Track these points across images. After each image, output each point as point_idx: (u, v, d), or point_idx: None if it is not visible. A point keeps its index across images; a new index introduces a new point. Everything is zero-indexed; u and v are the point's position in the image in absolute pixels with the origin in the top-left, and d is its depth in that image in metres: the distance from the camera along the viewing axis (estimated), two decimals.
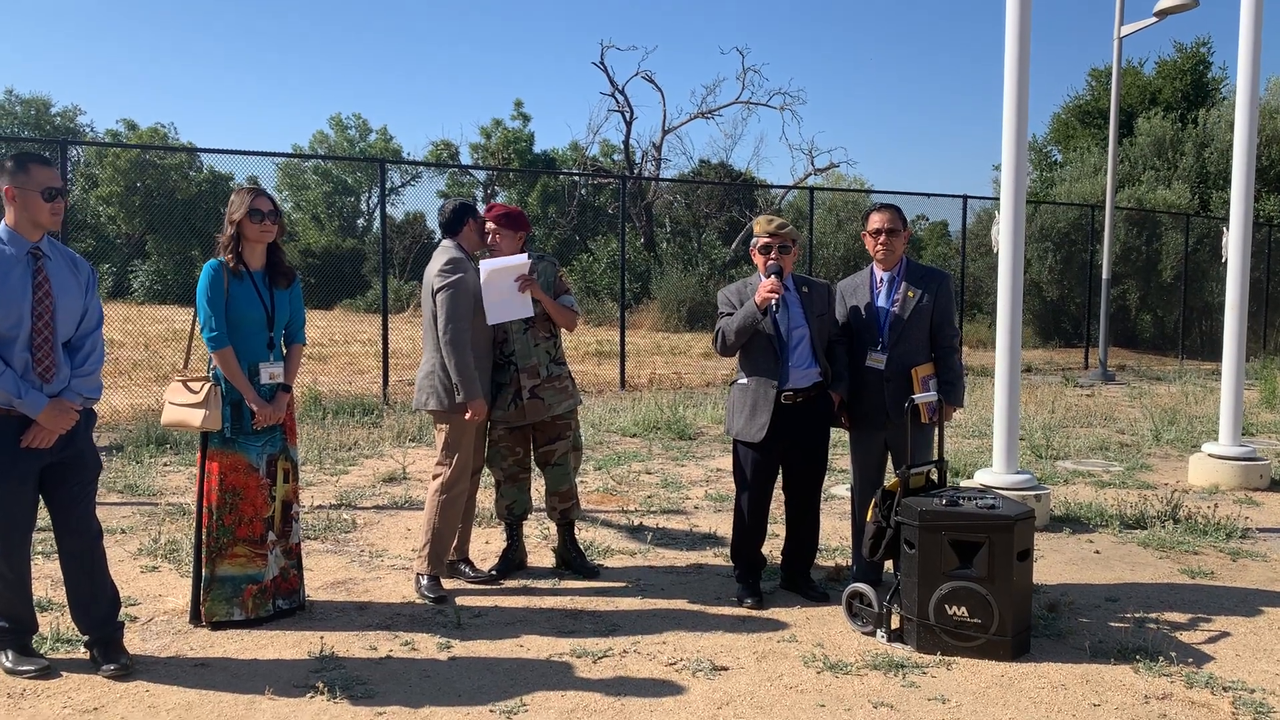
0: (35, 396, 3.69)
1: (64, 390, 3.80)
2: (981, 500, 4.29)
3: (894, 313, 4.86)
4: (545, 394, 5.08)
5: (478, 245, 5.06)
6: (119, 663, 3.91)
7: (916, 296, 4.86)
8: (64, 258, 3.90)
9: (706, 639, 4.35)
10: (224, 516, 4.36)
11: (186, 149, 35.62)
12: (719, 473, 7.89)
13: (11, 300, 3.67)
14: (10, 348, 3.68)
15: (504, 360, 5.07)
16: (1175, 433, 9.97)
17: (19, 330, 3.68)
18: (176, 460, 8.12)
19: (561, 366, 5.20)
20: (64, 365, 3.82)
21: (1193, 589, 5.11)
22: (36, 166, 3.78)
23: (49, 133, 42.48)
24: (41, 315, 3.73)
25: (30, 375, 3.72)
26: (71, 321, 3.86)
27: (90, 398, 3.90)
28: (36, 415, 3.69)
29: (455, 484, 4.87)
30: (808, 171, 32.52)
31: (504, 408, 5.05)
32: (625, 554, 5.63)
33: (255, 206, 4.35)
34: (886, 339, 4.85)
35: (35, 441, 3.72)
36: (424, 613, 4.64)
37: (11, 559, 3.81)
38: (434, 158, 39.01)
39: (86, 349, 3.91)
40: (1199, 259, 21.80)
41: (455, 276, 4.81)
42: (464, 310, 4.79)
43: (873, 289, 4.97)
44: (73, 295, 3.86)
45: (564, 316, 5.10)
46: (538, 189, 35.38)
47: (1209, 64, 27.71)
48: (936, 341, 4.93)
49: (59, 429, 3.76)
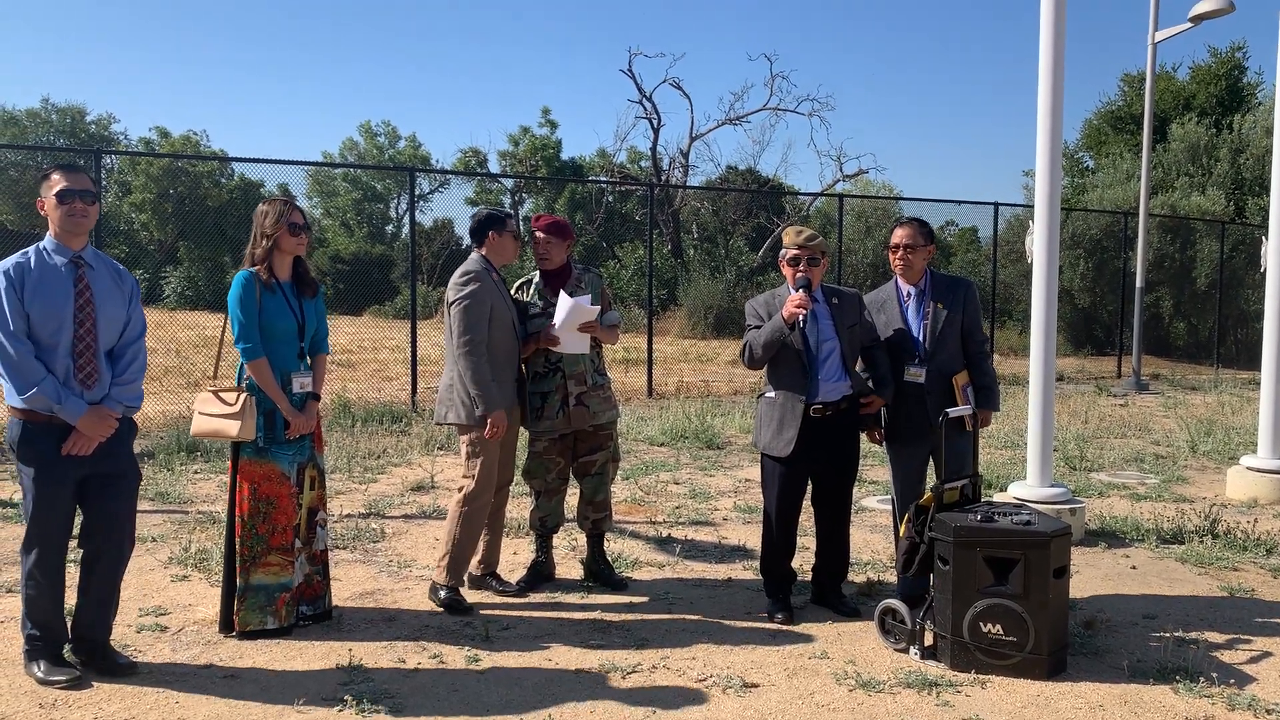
0: (75, 403, 3.73)
1: (104, 398, 3.85)
2: (1017, 516, 4.23)
3: (926, 325, 4.82)
4: (591, 402, 5.10)
5: (505, 257, 5.04)
6: (125, 659, 4.01)
7: (946, 310, 4.82)
8: (108, 268, 3.96)
9: (737, 654, 4.31)
10: (258, 525, 4.37)
11: (217, 157, 35.93)
12: (747, 483, 7.84)
13: (52, 307, 3.73)
14: (52, 354, 3.74)
15: (550, 368, 5.08)
16: (1212, 444, 9.81)
17: (60, 337, 3.74)
18: (207, 468, 8.16)
19: (604, 377, 5.25)
20: (105, 373, 3.87)
21: (1233, 606, 5.01)
22: (55, 173, 3.86)
23: (83, 140, 43.05)
24: (83, 323, 3.79)
25: (72, 382, 3.77)
26: (114, 330, 3.92)
27: (131, 406, 3.95)
28: (76, 421, 3.74)
29: (478, 497, 4.85)
30: (836, 178, 32.36)
31: (552, 416, 5.05)
32: (654, 566, 5.59)
33: (294, 220, 4.37)
34: (924, 352, 4.81)
35: (75, 449, 3.76)
36: (452, 625, 4.62)
37: (46, 566, 3.84)
38: (462, 165, 39.17)
39: (128, 358, 3.97)
40: (1234, 266, 21.48)
41: (469, 289, 4.79)
42: (478, 322, 4.76)
43: (900, 303, 4.93)
44: (116, 304, 3.92)
45: (610, 336, 5.24)
46: (565, 196, 35.45)
47: (1244, 68, 27.36)
48: (967, 349, 4.90)
49: (98, 436, 3.80)
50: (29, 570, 3.84)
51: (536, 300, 5.11)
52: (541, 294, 5.13)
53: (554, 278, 5.16)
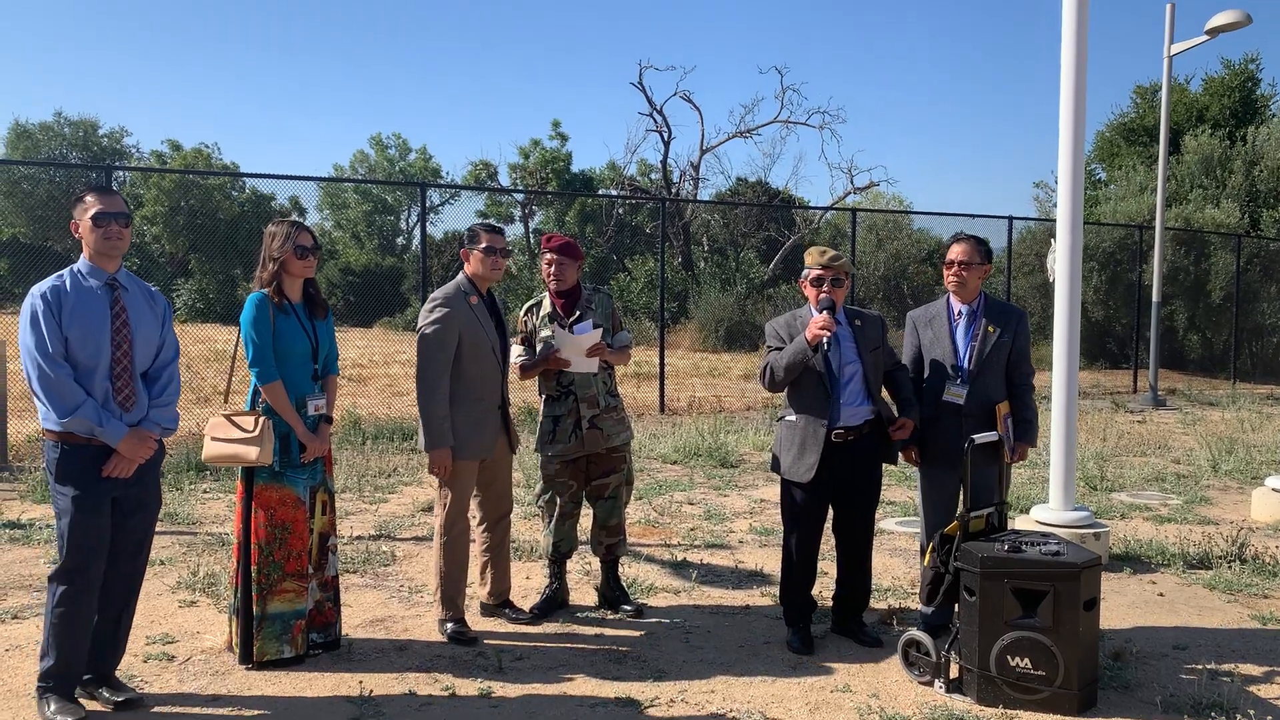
0: (116, 425, 3.70)
1: (143, 420, 3.81)
2: (1045, 546, 4.11)
3: (974, 347, 4.72)
4: (604, 424, 5.02)
5: (481, 273, 4.82)
6: (131, 694, 3.91)
7: (996, 333, 4.73)
8: (141, 290, 3.94)
9: (757, 686, 4.19)
10: (274, 552, 4.29)
11: (225, 173, 36.11)
12: (763, 503, 7.73)
13: (90, 330, 3.70)
14: (90, 377, 3.71)
15: (562, 391, 4.99)
16: (1234, 463, 9.65)
17: (99, 359, 3.71)
18: (216, 487, 8.09)
19: (616, 398, 5.17)
20: (143, 395, 3.85)
21: (1266, 636, 4.88)
22: (90, 195, 3.84)
23: (96, 154, 43.26)
24: (120, 345, 3.76)
25: (110, 405, 3.74)
26: (149, 352, 3.90)
27: (169, 428, 3.94)
28: (116, 444, 3.70)
29: (454, 524, 4.75)
30: (847, 190, 32.26)
31: (564, 440, 4.98)
32: (669, 592, 5.49)
33: (300, 243, 4.30)
34: (966, 373, 4.70)
35: (116, 471, 3.72)
36: (464, 655, 4.52)
37: (80, 596, 3.72)
38: (473, 177, 39.21)
39: (164, 380, 3.94)
40: (1249, 279, 21.29)
41: (432, 317, 4.66)
42: (436, 354, 4.63)
43: (950, 320, 4.83)
44: (150, 326, 3.90)
45: (621, 358, 5.18)
46: (575, 208, 35.43)
47: (1258, 80, 27.16)
48: (1012, 379, 4.81)
49: (138, 458, 3.77)
50: (59, 598, 3.70)
51: (546, 324, 5.03)
52: (551, 317, 5.04)
53: (564, 298, 5.08)
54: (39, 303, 3.65)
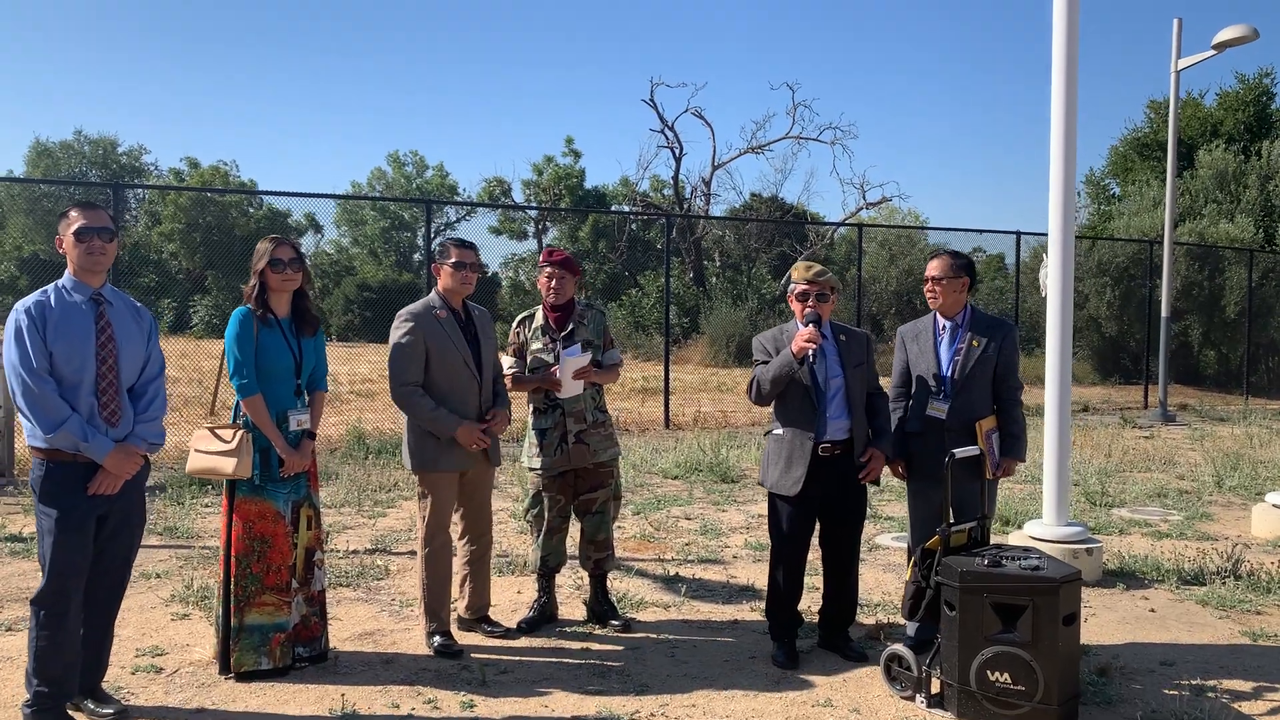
0: (101, 441, 3.70)
1: (129, 435, 3.82)
2: (1025, 560, 4.10)
3: (957, 361, 4.73)
4: (591, 439, 5.05)
5: (451, 288, 4.88)
6: (117, 707, 3.92)
7: (981, 346, 4.73)
8: (126, 305, 3.95)
9: (738, 701, 4.20)
10: (252, 565, 4.33)
11: (239, 190, 36.48)
12: (760, 519, 7.72)
13: (75, 345, 3.70)
14: (75, 393, 3.70)
15: (549, 404, 5.03)
16: (1238, 479, 9.57)
17: (83, 375, 3.71)
18: (217, 502, 8.14)
19: (604, 414, 5.20)
20: (128, 411, 3.85)
21: (1256, 653, 4.85)
22: (73, 211, 3.84)
23: (115, 172, 43.74)
24: (105, 360, 3.77)
25: (96, 420, 3.73)
26: (134, 368, 3.90)
27: (154, 443, 3.93)
28: (102, 460, 3.69)
29: (435, 537, 4.80)
30: (859, 205, 32.26)
31: (550, 454, 5.01)
32: (659, 607, 5.50)
33: (276, 256, 4.37)
34: (949, 388, 4.71)
35: (101, 488, 3.71)
36: (449, 668, 4.54)
37: (63, 618, 3.71)
38: (487, 194, 39.40)
39: (149, 395, 3.95)
40: (1264, 294, 21.16)
41: (399, 332, 4.74)
42: (405, 367, 4.70)
43: (935, 335, 4.84)
44: (135, 342, 3.90)
45: (609, 377, 5.24)
46: (588, 224, 35.57)
47: (1272, 94, 27.03)
48: (999, 393, 4.81)
49: (124, 474, 3.77)
50: (43, 621, 3.68)
51: (538, 337, 5.08)
52: (544, 330, 5.09)
53: (558, 312, 5.13)
54: (23, 318, 3.66)
